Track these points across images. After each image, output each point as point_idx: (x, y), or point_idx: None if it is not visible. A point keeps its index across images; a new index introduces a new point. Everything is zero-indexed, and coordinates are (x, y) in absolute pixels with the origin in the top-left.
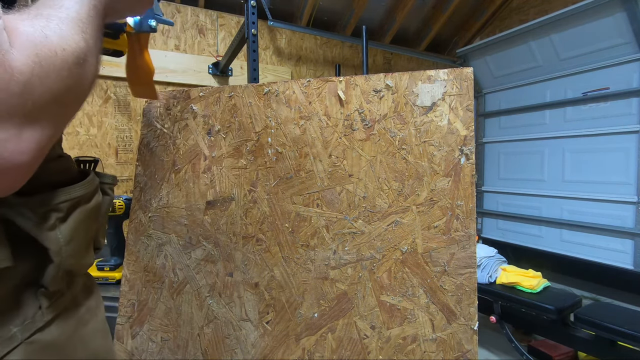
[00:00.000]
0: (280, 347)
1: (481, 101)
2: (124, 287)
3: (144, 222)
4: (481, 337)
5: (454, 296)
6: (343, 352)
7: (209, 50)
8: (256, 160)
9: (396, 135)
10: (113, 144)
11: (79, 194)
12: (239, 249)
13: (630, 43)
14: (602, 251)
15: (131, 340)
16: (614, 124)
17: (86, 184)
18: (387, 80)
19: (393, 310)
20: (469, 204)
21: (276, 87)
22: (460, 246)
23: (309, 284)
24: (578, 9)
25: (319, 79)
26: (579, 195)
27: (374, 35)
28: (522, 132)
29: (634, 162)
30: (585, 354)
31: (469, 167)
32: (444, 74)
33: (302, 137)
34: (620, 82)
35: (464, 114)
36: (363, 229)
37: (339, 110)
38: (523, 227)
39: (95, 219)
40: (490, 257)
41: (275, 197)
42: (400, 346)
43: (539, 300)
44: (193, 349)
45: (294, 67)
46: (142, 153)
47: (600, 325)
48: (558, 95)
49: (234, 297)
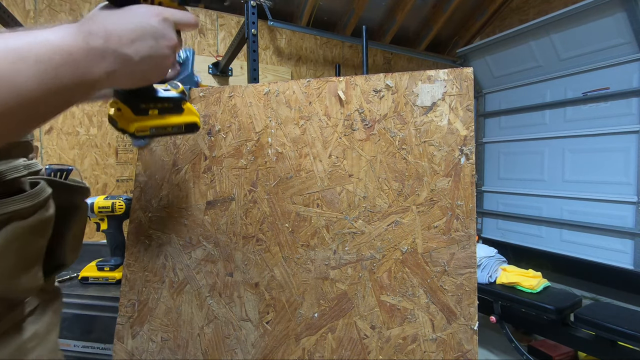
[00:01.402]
0: (280, 347)
1: (481, 101)
2: (124, 287)
3: (144, 222)
4: (481, 337)
5: (454, 296)
6: (343, 352)
7: (209, 50)
8: (256, 160)
9: (396, 135)
10: (113, 144)
11: (14, 209)
12: (239, 249)
13: (630, 43)
14: (602, 251)
15: (131, 340)
16: (614, 124)
17: (26, 197)
18: (387, 81)
19: (393, 310)
20: (469, 204)
21: (276, 87)
22: (460, 246)
23: (309, 284)
24: (578, 9)
25: (319, 79)
26: (579, 195)
27: (374, 35)
28: (522, 132)
29: (634, 162)
30: (585, 354)
31: (469, 167)
32: (444, 74)
33: (302, 137)
34: (620, 82)
35: (464, 114)
36: (363, 229)
37: (339, 111)
38: (523, 227)
39: (40, 235)
40: (490, 257)
41: (276, 197)
42: (400, 346)
43: (539, 300)
44: (193, 349)
45: (294, 67)
46: (142, 153)
47: (600, 325)
48: (558, 95)
49: (234, 297)
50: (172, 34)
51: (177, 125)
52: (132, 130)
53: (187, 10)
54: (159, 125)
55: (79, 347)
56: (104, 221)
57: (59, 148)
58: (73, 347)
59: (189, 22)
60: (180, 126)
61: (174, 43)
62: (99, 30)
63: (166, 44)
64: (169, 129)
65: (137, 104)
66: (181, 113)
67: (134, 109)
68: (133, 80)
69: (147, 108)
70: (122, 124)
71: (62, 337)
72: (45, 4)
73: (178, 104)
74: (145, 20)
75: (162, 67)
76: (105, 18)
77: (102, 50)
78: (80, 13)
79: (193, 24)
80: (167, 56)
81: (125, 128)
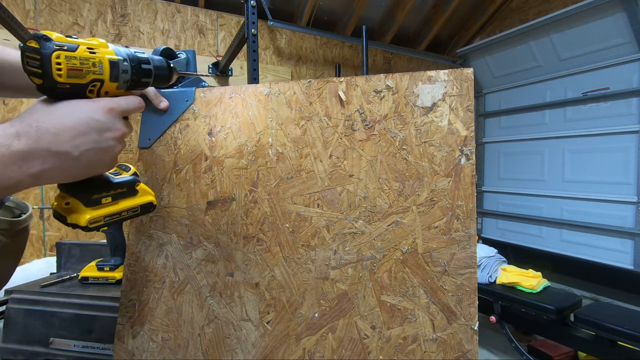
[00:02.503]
0: (280, 347)
1: (481, 101)
2: (125, 287)
3: (145, 222)
4: (481, 337)
5: (454, 296)
6: (343, 352)
7: (209, 50)
8: (257, 160)
9: (397, 135)
10: None
11: None
12: (239, 249)
13: (630, 43)
14: (602, 251)
15: (132, 340)
16: (614, 124)
17: None
18: (387, 81)
19: (393, 310)
20: (469, 204)
21: (277, 88)
22: (460, 246)
23: (309, 284)
24: (578, 9)
25: (320, 80)
26: (579, 195)
27: (374, 35)
28: (522, 132)
29: (634, 162)
30: (585, 354)
31: (469, 168)
32: (444, 74)
33: (303, 137)
34: (620, 82)
35: (464, 115)
36: (363, 229)
37: (339, 111)
38: (523, 227)
39: None
40: (490, 257)
41: (276, 197)
42: (400, 346)
43: (539, 300)
44: (194, 349)
45: (294, 67)
46: (143, 153)
47: (600, 325)
48: (558, 95)
49: (234, 297)
50: (119, 124)
51: (134, 208)
52: (84, 223)
53: (133, 94)
54: (114, 212)
55: (79, 347)
56: None
57: None
58: (73, 347)
59: (135, 107)
60: (136, 208)
61: (121, 133)
62: (29, 130)
63: (112, 136)
64: (124, 213)
65: (88, 195)
66: (135, 195)
67: (85, 200)
68: (74, 174)
69: (99, 197)
70: (72, 218)
71: (62, 337)
72: (45, 4)
73: (132, 186)
74: (89, 115)
75: (108, 158)
76: (42, 115)
77: (27, 152)
78: (79, 13)
79: (139, 108)
80: (112, 147)
81: (76, 222)
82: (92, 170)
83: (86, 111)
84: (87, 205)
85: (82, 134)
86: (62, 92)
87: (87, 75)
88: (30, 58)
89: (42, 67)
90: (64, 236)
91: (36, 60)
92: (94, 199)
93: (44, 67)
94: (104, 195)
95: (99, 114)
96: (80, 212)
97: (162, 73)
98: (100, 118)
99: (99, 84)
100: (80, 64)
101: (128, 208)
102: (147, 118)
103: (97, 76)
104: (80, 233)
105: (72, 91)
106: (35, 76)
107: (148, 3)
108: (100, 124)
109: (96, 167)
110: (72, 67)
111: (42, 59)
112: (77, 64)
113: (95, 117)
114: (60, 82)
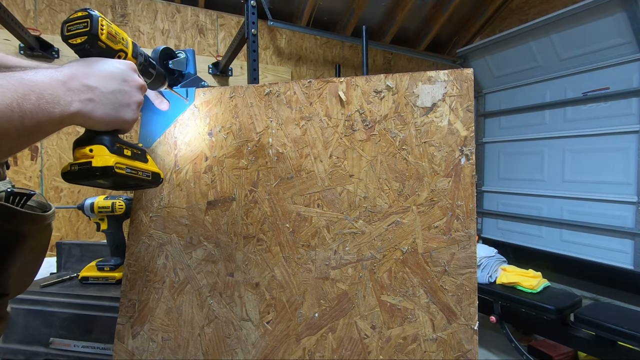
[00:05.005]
0: (280, 347)
1: (481, 101)
2: (125, 287)
3: (145, 222)
4: (481, 337)
5: (454, 296)
6: (343, 352)
7: (209, 50)
8: (257, 160)
9: (397, 135)
10: None
11: None
12: (239, 249)
13: (630, 43)
14: (602, 251)
15: (132, 340)
16: (614, 124)
17: None
18: (387, 81)
19: (393, 310)
20: (469, 204)
21: (277, 88)
22: (460, 246)
23: (309, 284)
24: (578, 9)
25: (320, 80)
26: (579, 195)
27: (374, 35)
28: (522, 132)
29: (634, 162)
30: (585, 354)
31: (469, 168)
32: (444, 75)
33: (303, 137)
34: (620, 82)
35: (464, 115)
36: (364, 229)
37: (339, 111)
38: (523, 227)
39: None
40: (490, 257)
41: (276, 197)
42: (400, 346)
43: (539, 300)
44: (194, 349)
45: (294, 67)
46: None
47: (600, 325)
48: (558, 95)
49: (234, 297)
50: (138, 78)
51: (147, 172)
52: (112, 163)
53: None
54: (133, 166)
55: (79, 347)
56: (104, 221)
57: (59, 148)
58: (73, 347)
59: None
60: (149, 173)
61: (140, 83)
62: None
63: (134, 84)
64: (140, 173)
65: (112, 142)
66: (147, 163)
67: (110, 146)
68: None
69: (121, 147)
70: (97, 161)
71: (62, 337)
72: (45, 4)
73: (144, 153)
74: (115, 65)
75: (132, 103)
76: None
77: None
78: None
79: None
80: (134, 93)
81: (104, 163)
82: (119, 112)
83: (113, 62)
84: (111, 151)
85: (109, 77)
86: (99, 51)
87: (118, 44)
88: (79, 22)
89: (90, 26)
90: (64, 236)
91: (84, 22)
92: (117, 148)
93: (92, 26)
94: (125, 147)
95: (124, 66)
96: (106, 155)
97: (159, 80)
98: (124, 68)
99: (124, 55)
100: (114, 33)
101: (143, 169)
102: (147, 118)
103: (124, 48)
104: (80, 233)
105: (106, 52)
106: (80, 36)
107: (148, 3)
108: (125, 73)
109: (123, 111)
110: (110, 32)
111: (91, 21)
112: (112, 31)
113: (121, 67)
114: (101, 40)
